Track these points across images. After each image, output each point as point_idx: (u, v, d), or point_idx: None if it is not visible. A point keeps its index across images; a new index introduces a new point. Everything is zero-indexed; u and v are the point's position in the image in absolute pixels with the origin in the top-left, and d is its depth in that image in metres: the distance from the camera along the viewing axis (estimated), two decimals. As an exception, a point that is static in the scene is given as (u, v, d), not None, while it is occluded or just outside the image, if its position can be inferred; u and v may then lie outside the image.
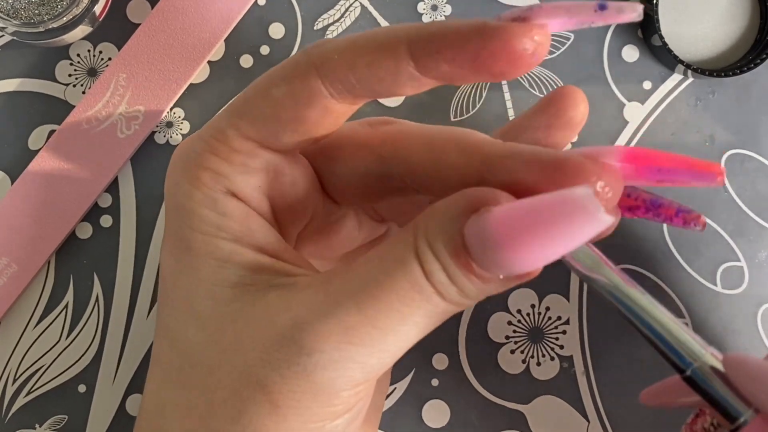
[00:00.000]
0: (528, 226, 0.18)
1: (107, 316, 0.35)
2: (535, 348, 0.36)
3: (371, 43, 0.21)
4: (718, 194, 0.37)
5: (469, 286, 0.20)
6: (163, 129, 0.36)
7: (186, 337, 0.23)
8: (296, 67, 0.22)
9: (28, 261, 0.34)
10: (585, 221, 0.17)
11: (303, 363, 0.20)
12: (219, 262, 0.22)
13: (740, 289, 0.36)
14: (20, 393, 0.35)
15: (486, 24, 0.19)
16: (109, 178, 0.35)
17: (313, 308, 0.21)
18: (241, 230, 0.23)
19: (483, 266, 0.20)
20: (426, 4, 0.37)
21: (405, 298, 0.20)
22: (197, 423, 0.22)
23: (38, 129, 0.35)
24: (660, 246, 0.36)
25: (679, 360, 0.22)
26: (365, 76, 0.21)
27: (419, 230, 0.20)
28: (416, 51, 0.20)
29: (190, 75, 0.35)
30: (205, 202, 0.22)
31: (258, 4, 0.36)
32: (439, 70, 0.20)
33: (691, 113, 0.37)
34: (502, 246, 0.19)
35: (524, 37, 0.19)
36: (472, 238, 0.19)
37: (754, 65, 0.35)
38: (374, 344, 0.20)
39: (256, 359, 0.21)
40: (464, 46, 0.19)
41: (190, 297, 0.23)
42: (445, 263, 0.20)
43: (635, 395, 0.36)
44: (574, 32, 0.37)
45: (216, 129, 0.23)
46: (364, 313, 0.20)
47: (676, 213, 0.21)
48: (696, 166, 0.20)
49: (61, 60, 0.36)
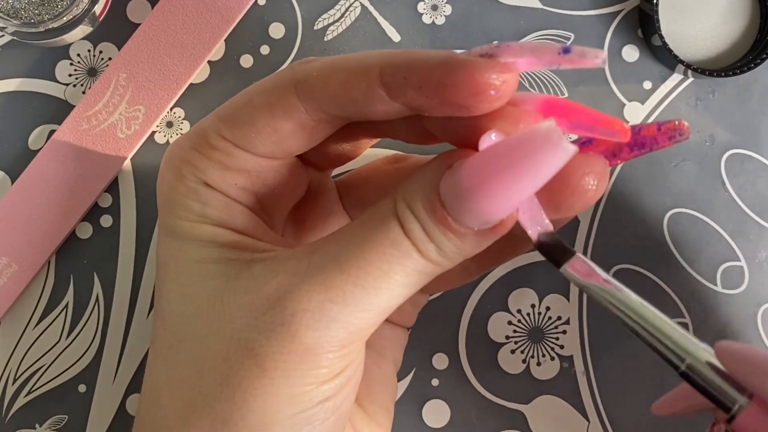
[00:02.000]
0: (496, 167, 0.19)
1: (107, 316, 0.35)
2: (536, 348, 0.36)
3: (347, 65, 0.22)
4: (718, 194, 0.37)
5: (446, 243, 0.21)
6: (163, 129, 0.36)
7: (177, 313, 0.24)
8: (279, 81, 0.23)
9: (28, 261, 0.34)
10: (549, 152, 0.19)
11: (287, 323, 0.21)
12: (203, 243, 0.24)
13: (740, 289, 0.36)
14: (20, 393, 0.35)
15: (452, 56, 0.20)
16: (109, 178, 0.35)
17: (297, 272, 0.22)
18: (221, 216, 0.24)
19: (458, 218, 0.21)
20: (426, 4, 0.37)
21: (385, 255, 0.21)
22: (189, 392, 0.22)
23: (38, 129, 0.35)
24: (660, 246, 0.36)
25: (674, 357, 0.22)
26: (338, 95, 0.22)
27: (398, 194, 0.22)
28: (386, 76, 0.21)
29: (190, 75, 0.35)
30: (188, 193, 0.24)
31: (258, 4, 0.36)
32: (406, 96, 0.21)
33: (691, 113, 0.37)
34: (474, 190, 0.20)
35: (488, 72, 0.20)
36: (446, 191, 0.21)
37: (754, 65, 0.35)
38: (356, 302, 0.21)
39: (244, 325, 0.22)
40: (430, 75, 0.20)
41: (178, 277, 0.24)
42: (422, 220, 0.21)
43: (635, 395, 0.36)
44: (573, 31, 0.37)
45: (200, 128, 0.24)
46: (346, 272, 0.21)
47: (657, 128, 0.22)
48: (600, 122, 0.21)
49: (61, 60, 0.36)
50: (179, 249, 0.24)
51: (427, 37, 0.37)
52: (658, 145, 0.22)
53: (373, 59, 0.22)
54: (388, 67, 0.21)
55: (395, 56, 0.21)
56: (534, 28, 0.37)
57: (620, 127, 0.21)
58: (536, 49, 0.20)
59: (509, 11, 0.37)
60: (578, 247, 0.36)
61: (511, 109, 0.21)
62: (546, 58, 0.20)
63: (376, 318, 0.22)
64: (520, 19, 0.37)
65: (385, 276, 0.21)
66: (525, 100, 0.21)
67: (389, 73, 0.21)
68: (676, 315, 0.36)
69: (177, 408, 0.23)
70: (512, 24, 0.37)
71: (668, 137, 0.22)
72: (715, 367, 0.22)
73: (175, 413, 0.23)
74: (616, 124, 0.21)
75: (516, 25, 0.37)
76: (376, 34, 0.37)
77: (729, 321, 0.36)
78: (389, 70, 0.21)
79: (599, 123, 0.21)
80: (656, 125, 0.22)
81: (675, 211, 0.36)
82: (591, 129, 0.21)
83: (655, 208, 0.36)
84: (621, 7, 0.37)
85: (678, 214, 0.36)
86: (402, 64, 0.21)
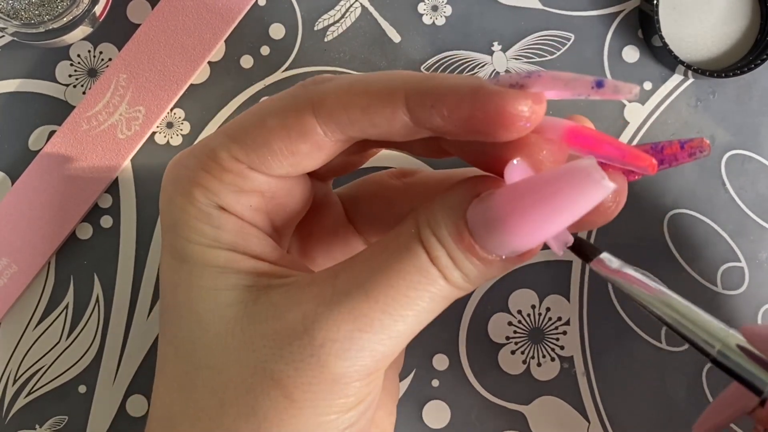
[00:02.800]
0: (531, 201, 0.19)
1: (107, 316, 0.35)
2: (536, 348, 0.36)
3: (369, 88, 0.21)
4: (718, 194, 0.37)
5: (471, 269, 0.21)
6: (163, 129, 0.36)
7: (190, 341, 0.23)
8: (293, 102, 0.22)
9: (28, 261, 0.34)
10: (589, 189, 0.18)
11: (316, 354, 0.21)
12: (218, 269, 0.23)
13: (740, 289, 0.36)
14: (20, 394, 0.35)
15: (483, 86, 0.20)
16: (110, 179, 0.35)
17: (323, 301, 0.21)
18: (236, 241, 0.23)
19: (486, 247, 0.20)
20: (426, 5, 0.37)
21: (412, 283, 0.21)
22: (209, 424, 0.22)
23: (38, 129, 0.35)
24: (660, 246, 0.36)
25: (705, 345, 0.23)
26: (360, 120, 0.21)
27: (421, 220, 0.21)
28: (412, 102, 0.21)
29: (190, 75, 0.35)
30: (199, 216, 0.23)
31: (258, 5, 0.36)
32: (432, 123, 0.21)
33: (691, 114, 0.37)
34: (506, 222, 0.20)
35: (519, 105, 0.19)
36: (475, 220, 0.20)
37: (755, 65, 0.35)
38: (384, 330, 0.21)
39: (268, 355, 0.21)
40: (459, 105, 0.20)
41: (191, 303, 0.23)
42: (449, 248, 0.21)
43: (636, 395, 0.36)
44: (573, 32, 0.37)
45: (209, 148, 0.23)
46: (373, 299, 0.21)
47: (680, 147, 0.22)
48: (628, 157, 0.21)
49: (62, 60, 0.36)
50: (191, 274, 0.23)
51: (427, 37, 0.37)
52: (677, 162, 0.22)
53: (396, 83, 0.21)
54: (415, 94, 0.20)
55: (421, 82, 0.21)
56: (534, 28, 0.37)
57: (649, 163, 0.21)
58: (569, 82, 0.19)
59: (509, 12, 0.37)
60: (578, 247, 0.36)
61: (535, 138, 0.20)
62: (578, 92, 0.20)
63: (401, 344, 0.22)
64: (520, 19, 0.37)
65: (412, 303, 0.21)
66: (548, 127, 0.21)
67: (415, 101, 0.20)
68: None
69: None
70: (512, 24, 0.37)
71: (689, 154, 0.22)
72: (745, 349, 0.23)
73: None
74: (645, 160, 0.21)
75: (516, 26, 0.37)
76: (377, 35, 0.37)
77: (729, 321, 0.36)
78: (416, 98, 0.20)
79: (628, 158, 0.21)
80: (679, 144, 0.22)
81: (675, 211, 0.36)
82: (619, 163, 0.21)
83: (655, 208, 0.36)
84: (621, 7, 0.37)
85: (678, 214, 0.36)
86: (429, 91, 0.20)
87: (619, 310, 0.36)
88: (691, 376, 0.36)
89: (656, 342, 0.36)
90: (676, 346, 0.36)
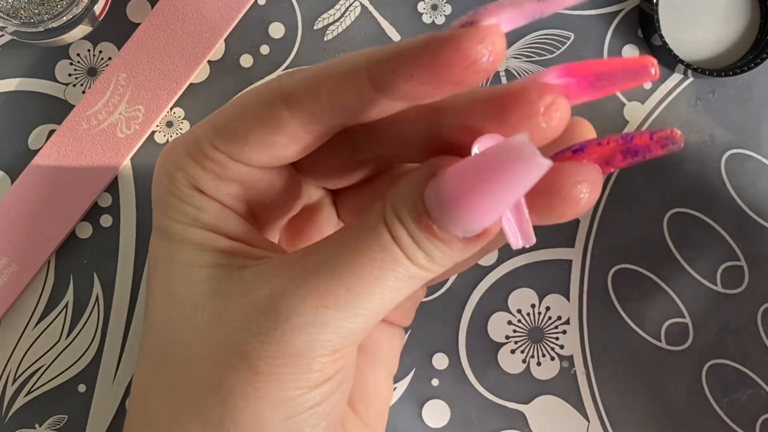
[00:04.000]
0: (475, 178, 0.19)
1: (107, 315, 0.35)
2: (536, 348, 0.36)
3: (333, 72, 0.21)
4: (718, 194, 0.37)
5: (434, 250, 0.21)
6: (163, 128, 0.36)
7: (164, 317, 0.24)
8: (269, 94, 0.23)
9: (28, 261, 0.34)
10: (523, 167, 0.18)
11: (281, 328, 0.21)
12: (195, 246, 0.24)
13: (740, 289, 0.36)
14: (20, 393, 0.35)
15: (435, 35, 0.20)
16: (109, 178, 0.35)
17: (292, 277, 0.22)
18: (215, 222, 0.24)
19: (441, 226, 0.21)
20: (426, 4, 0.37)
21: (376, 261, 0.21)
22: (178, 397, 0.22)
23: (38, 129, 0.35)
24: (660, 246, 0.36)
25: None
26: (329, 104, 0.22)
27: (386, 201, 0.22)
28: (374, 74, 0.21)
29: (190, 75, 0.35)
30: (182, 196, 0.24)
31: (258, 4, 0.36)
32: (400, 90, 0.21)
33: (691, 113, 0.37)
34: (455, 201, 0.20)
35: (474, 41, 0.19)
36: (430, 200, 0.21)
37: (754, 65, 0.35)
38: (349, 307, 0.21)
39: (236, 329, 0.22)
40: (418, 62, 0.20)
41: (167, 280, 0.24)
42: (409, 228, 0.21)
43: (636, 395, 0.36)
44: (573, 31, 0.37)
45: (195, 136, 0.24)
46: (338, 277, 0.21)
47: (650, 137, 0.21)
48: (628, 64, 0.21)
49: (61, 60, 0.36)
50: (170, 250, 0.24)
51: (427, 36, 0.37)
52: (651, 153, 0.21)
53: (357, 60, 0.21)
54: (375, 65, 0.21)
55: (378, 52, 0.21)
56: (534, 28, 0.37)
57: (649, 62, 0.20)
58: (514, 1, 0.19)
59: (509, 11, 0.37)
60: (578, 246, 0.36)
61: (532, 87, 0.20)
62: (527, 8, 0.19)
63: (368, 323, 0.22)
64: (520, 18, 0.37)
65: (377, 281, 0.21)
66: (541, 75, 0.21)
67: (377, 71, 0.21)
68: (676, 315, 0.36)
69: (167, 413, 0.23)
70: (512, 24, 0.37)
71: (661, 146, 0.21)
72: None
73: (165, 418, 0.23)
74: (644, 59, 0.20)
75: (516, 25, 0.37)
76: (376, 34, 0.37)
77: (729, 321, 0.36)
78: (376, 68, 0.21)
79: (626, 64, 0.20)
80: (649, 133, 0.21)
81: (675, 211, 0.36)
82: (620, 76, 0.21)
83: (655, 208, 0.36)
84: (621, 6, 0.37)
85: (678, 214, 0.36)
86: (387, 58, 0.20)
87: (619, 309, 0.36)
88: (691, 376, 0.36)
89: (656, 342, 0.36)
90: (676, 346, 0.36)
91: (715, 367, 0.36)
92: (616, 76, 0.21)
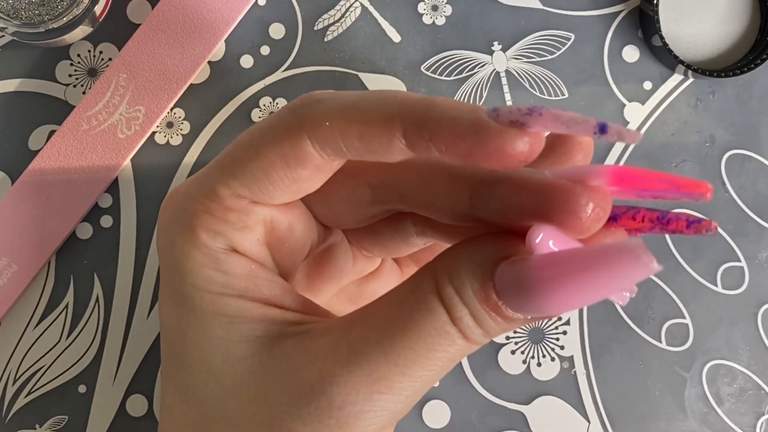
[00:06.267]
0: (570, 273, 0.19)
1: (107, 316, 0.35)
2: (536, 348, 0.36)
3: (365, 116, 0.21)
4: (718, 194, 0.37)
5: (494, 326, 0.20)
6: (163, 129, 0.36)
7: (203, 391, 0.23)
8: (287, 128, 0.21)
9: (28, 261, 0.34)
10: (635, 270, 0.18)
11: (335, 416, 0.21)
12: (228, 319, 0.22)
13: (740, 289, 0.36)
14: (20, 393, 0.35)
15: (483, 126, 0.19)
16: (110, 179, 0.35)
17: (339, 359, 0.21)
18: (246, 286, 0.23)
19: (515, 309, 0.20)
20: (426, 5, 0.37)
21: (432, 344, 0.20)
22: None
23: (38, 129, 0.35)
24: (660, 246, 0.36)
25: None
26: (357, 147, 0.21)
27: (441, 275, 0.20)
28: (409, 133, 0.20)
29: (190, 75, 0.35)
30: (207, 262, 0.22)
31: (258, 4, 0.36)
32: (431, 153, 0.20)
33: (691, 113, 0.37)
34: (541, 290, 0.19)
35: (519, 143, 0.19)
36: (504, 283, 0.20)
37: (754, 65, 0.35)
38: (402, 391, 0.21)
39: (285, 413, 0.21)
40: (457, 143, 0.19)
41: (202, 353, 0.23)
42: (473, 308, 0.20)
43: (636, 395, 0.36)
44: (573, 31, 0.37)
45: (207, 188, 0.22)
46: (392, 362, 0.20)
47: (687, 225, 0.21)
48: (684, 187, 0.20)
49: (62, 60, 0.36)
50: (200, 324, 0.22)
51: (427, 37, 0.37)
52: (681, 233, 0.22)
53: (392, 109, 0.20)
54: (412, 125, 0.20)
55: (418, 111, 0.20)
56: (534, 28, 0.37)
57: (705, 188, 0.20)
58: (571, 124, 0.19)
59: (509, 11, 0.37)
60: (578, 247, 0.36)
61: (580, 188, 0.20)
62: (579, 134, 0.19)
63: (415, 401, 0.21)
64: (520, 19, 0.37)
65: (431, 364, 0.21)
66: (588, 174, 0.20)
67: (412, 131, 0.20)
68: (676, 315, 0.36)
69: None
70: (512, 24, 0.37)
71: (694, 231, 0.21)
72: None
73: None
74: (701, 186, 0.20)
75: (516, 26, 0.37)
76: (377, 35, 0.37)
77: (729, 321, 0.36)
78: (412, 129, 0.20)
79: (683, 188, 0.20)
80: (685, 221, 0.21)
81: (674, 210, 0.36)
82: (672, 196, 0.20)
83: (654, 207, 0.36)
84: (621, 7, 0.37)
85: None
86: (426, 124, 0.20)
87: (619, 309, 0.36)
88: (692, 376, 0.36)
89: (656, 342, 0.36)
90: (676, 346, 0.36)
91: (715, 367, 0.36)
92: (668, 196, 0.20)
